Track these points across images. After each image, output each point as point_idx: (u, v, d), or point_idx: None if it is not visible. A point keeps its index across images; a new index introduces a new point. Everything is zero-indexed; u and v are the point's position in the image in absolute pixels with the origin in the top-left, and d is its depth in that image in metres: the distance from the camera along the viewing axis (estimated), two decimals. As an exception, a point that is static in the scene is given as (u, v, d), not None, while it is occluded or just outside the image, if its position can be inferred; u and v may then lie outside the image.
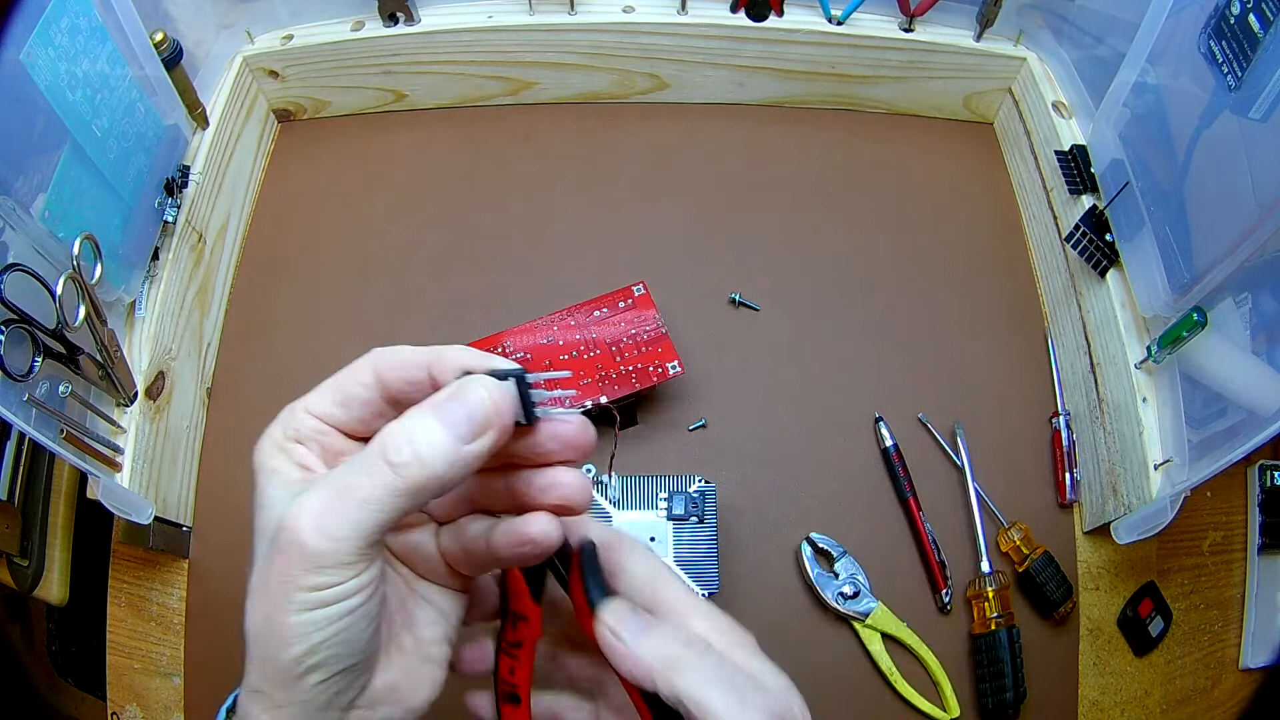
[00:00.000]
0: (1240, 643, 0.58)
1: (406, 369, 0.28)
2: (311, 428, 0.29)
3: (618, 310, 0.59)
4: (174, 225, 0.60)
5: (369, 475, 0.25)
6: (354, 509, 0.25)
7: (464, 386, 0.27)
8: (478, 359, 0.28)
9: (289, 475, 0.28)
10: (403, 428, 0.26)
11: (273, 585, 0.25)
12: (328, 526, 0.25)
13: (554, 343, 0.58)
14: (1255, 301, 0.44)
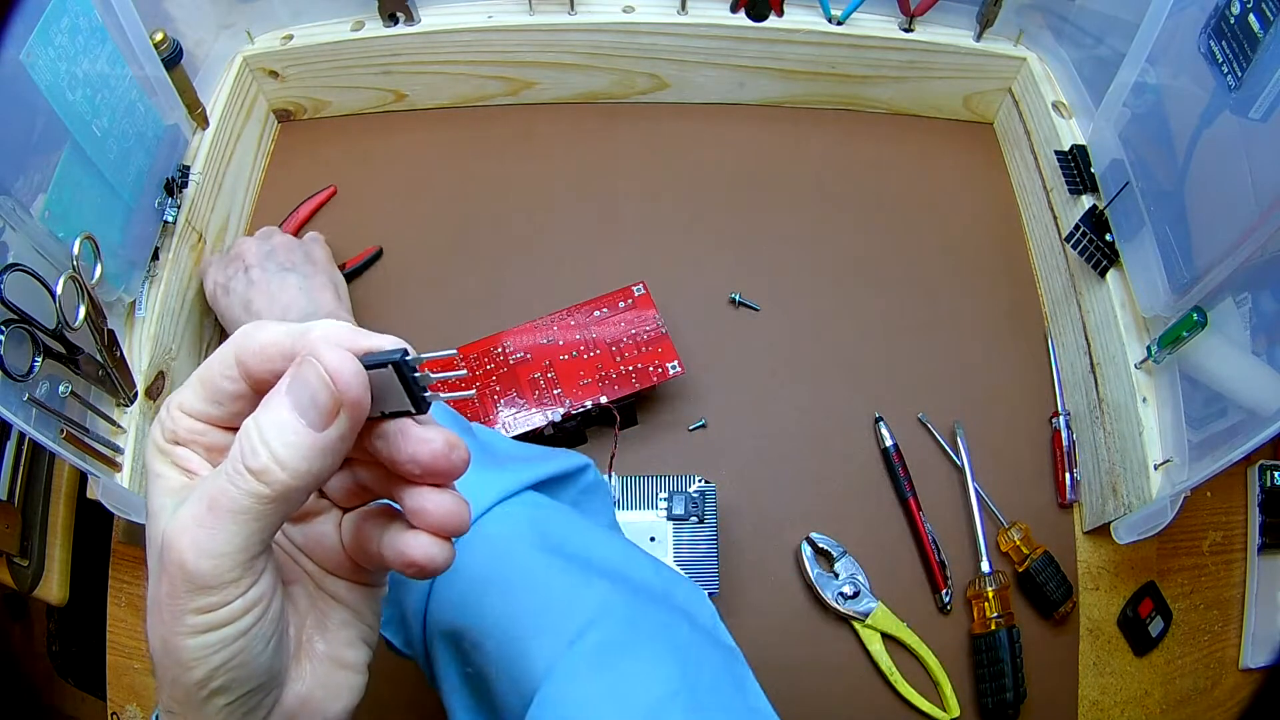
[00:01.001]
0: (1240, 643, 0.58)
1: (270, 357, 0.26)
2: (188, 428, 0.27)
3: (618, 310, 0.59)
4: (174, 225, 0.60)
5: (233, 484, 0.24)
6: (227, 523, 0.23)
7: (301, 366, 0.24)
8: (350, 335, 0.26)
9: (171, 481, 0.26)
10: (255, 425, 0.24)
11: (164, 607, 0.24)
12: (204, 543, 0.23)
13: (554, 343, 0.58)
14: (1255, 301, 0.44)
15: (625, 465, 0.60)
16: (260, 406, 0.25)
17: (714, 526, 0.53)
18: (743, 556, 0.58)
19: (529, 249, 0.69)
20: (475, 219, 0.70)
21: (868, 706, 0.55)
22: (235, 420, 0.27)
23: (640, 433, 0.62)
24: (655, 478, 0.54)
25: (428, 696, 0.41)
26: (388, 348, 0.26)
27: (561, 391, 0.57)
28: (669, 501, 0.53)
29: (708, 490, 0.53)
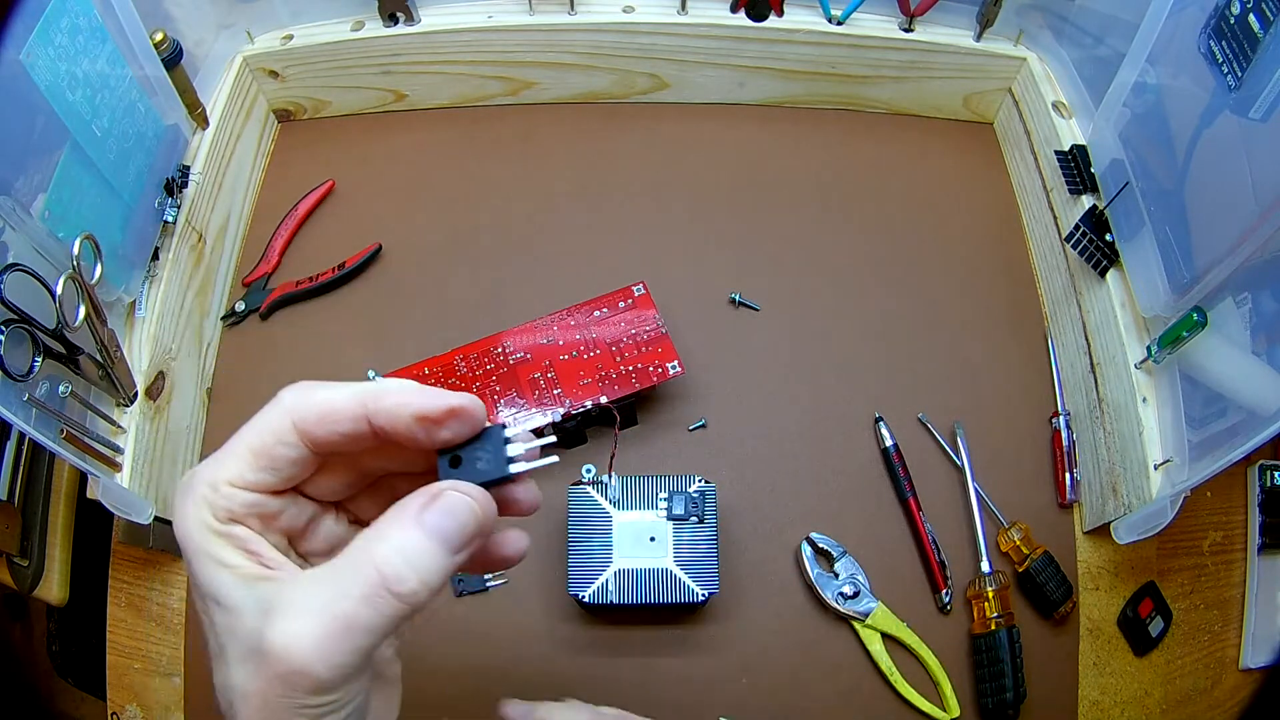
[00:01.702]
0: (1240, 643, 0.58)
1: (338, 422, 0.27)
2: (243, 502, 0.27)
3: (618, 310, 0.59)
4: (174, 225, 0.60)
5: (372, 606, 0.24)
6: (360, 637, 0.24)
7: (451, 502, 0.26)
8: (427, 398, 0.27)
9: (243, 569, 0.26)
10: (402, 556, 0.25)
11: (272, 704, 0.25)
12: (333, 655, 0.24)
13: (554, 343, 0.58)
14: (1255, 301, 0.44)
15: (625, 465, 0.60)
16: (393, 528, 0.26)
17: (714, 526, 0.53)
18: (743, 556, 0.58)
19: (529, 249, 0.69)
20: (475, 219, 0.70)
21: (868, 706, 0.55)
22: (289, 484, 0.27)
23: (640, 433, 0.62)
24: (655, 478, 0.54)
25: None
26: (461, 404, 0.27)
27: (561, 391, 0.57)
28: (669, 501, 0.53)
29: (708, 490, 0.53)
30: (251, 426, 0.28)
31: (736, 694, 0.55)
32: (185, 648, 0.57)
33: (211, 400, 0.64)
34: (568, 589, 0.52)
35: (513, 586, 0.58)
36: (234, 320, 0.66)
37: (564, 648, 0.56)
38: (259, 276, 0.68)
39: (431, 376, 0.58)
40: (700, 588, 0.51)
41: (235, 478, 0.27)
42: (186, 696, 0.56)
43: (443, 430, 0.27)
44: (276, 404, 0.28)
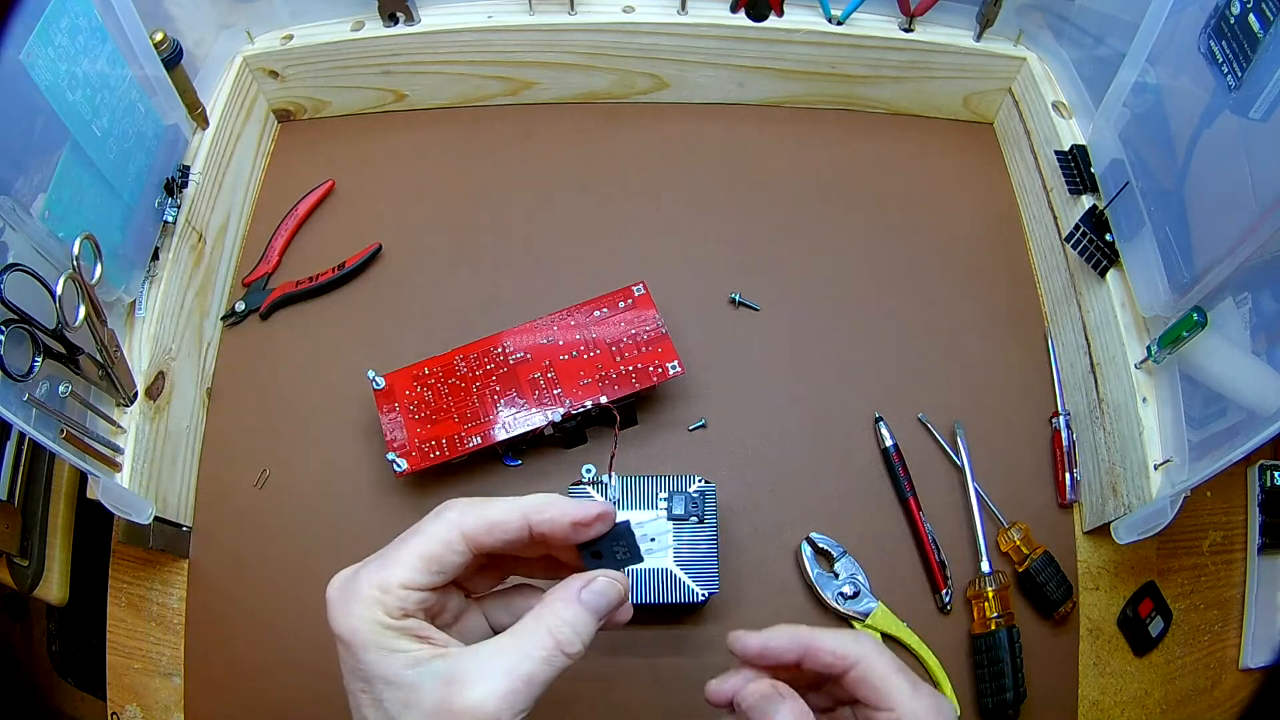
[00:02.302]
0: (1240, 643, 0.58)
1: (506, 531, 0.34)
2: (416, 600, 0.32)
3: (618, 310, 0.59)
4: (174, 225, 0.60)
5: (549, 664, 0.32)
6: (536, 689, 0.31)
7: (602, 584, 0.35)
8: (577, 509, 0.34)
9: (417, 652, 0.32)
10: (570, 626, 0.33)
11: None
12: (516, 705, 0.31)
13: (554, 343, 0.58)
14: (1255, 301, 0.44)
15: (625, 465, 0.60)
16: (560, 605, 0.34)
17: (714, 526, 0.53)
18: (743, 556, 0.58)
19: (529, 249, 0.69)
20: (475, 219, 0.70)
21: (868, 706, 0.55)
22: (449, 580, 0.34)
23: (640, 433, 0.62)
24: (655, 478, 0.54)
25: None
26: (605, 510, 0.35)
27: (561, 391, 0.57)
28: (669, 501, 0.53)
29: (708, 490, 0.53)
30: (420, 536, 0.33)
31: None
32: (185, 648, 0.57)
33: (211, 400, 0.64)
34: (568, 589, 0.51)
35: (513, 586, 0.58)
36: (234, 320, 0.66)
37: (564, 648, 0.56)
38: (259, 276, 0.68)
39: (431, 376, 0.58)
40: (700, 588, 0.51)
41: (408, 581, 0.32)
42: (186, 696, 0.56)
43: (590, 531, 0.35)
44: (443, 518, 0.33)
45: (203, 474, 0.61)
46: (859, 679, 0.37)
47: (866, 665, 0.37)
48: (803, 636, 0.38)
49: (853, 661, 0.37)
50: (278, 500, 0.60)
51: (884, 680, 0.36)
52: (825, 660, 0.37)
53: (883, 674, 0.37)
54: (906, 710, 0.36)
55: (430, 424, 0.57)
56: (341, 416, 0.62)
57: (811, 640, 0.38)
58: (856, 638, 0.38)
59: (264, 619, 0.57)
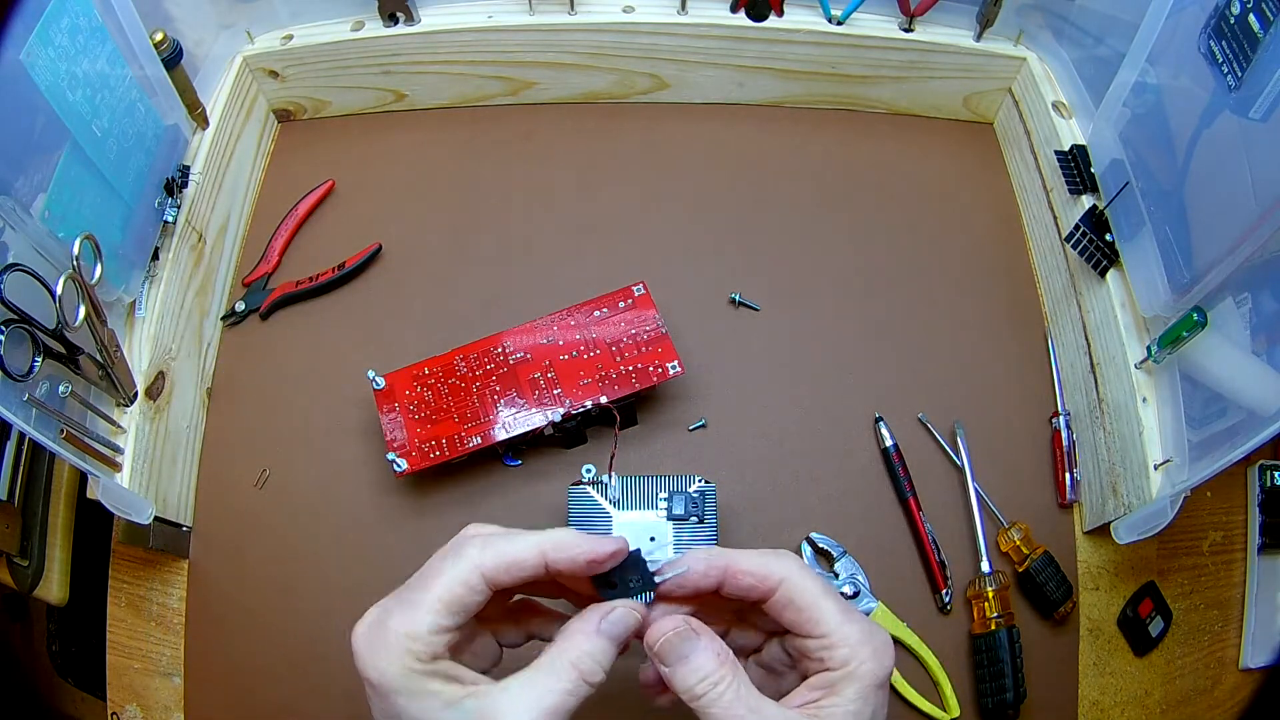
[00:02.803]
0: (1240, 643, 0.58)
1: (523, 570, 0.34)
2: (444, 643, 0.33)
3: (618, 310, 0.59)
4: (174, 225, 0.60)
5: (574, 695, 0.33)
6: (562, 717, 0.32)
7: (620, 614, 0.35)
8: (589, 544, 0.35)
9: (448, 693, 0.32)
10: (591, 657, 0.34)
11: None
12: None
13: (554, 343, 0.58)
14: (1255, 301, 0.44)
15: (625, 465, 0.60)
16: (580, 638, 0.34)
17: (714, 526, 0.53)
18: (743, 556, 0.58)
19: (529, 249, 0.69)
20: (475, 219, 0.70)
21: (868, 706, 0.55)
22: (470, 617, 0.34)
23: (640, 433, 0.62)
24: (655, 478, 0.54)
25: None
26: (621, 545, 0.36)
27: (561, 391, 0.57)
28: (669, 501, 0.53)
29: (708, 490, 0.53)
30: (439, 579, 0.33)
31: (736, 694, 0.55)
32: (185, 648, 0.57)
33: (211, 400, 0.64)
34: (568, 589, 0.52)
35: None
36: (234, 320, 0.66)
37: (564, 648, 0.56)
38: (259, 276, 0.68)
39: (431, 376, 0.58)
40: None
41: (433, 626, 0.33)
42: (186, 696, 0.56)
43: (605, 566, 0.36)
44: (462, 557, 0.34)
45: (203, 474, 0.61)
46: (784, 602, 0.34)
47: (790, 586, 0.34)
48: (717, 557, 0.36)
49: (775, 582, 0.34)
50: (278, 500, 0.60)
51: (811, 603, 0.34)
52: (745, 582, 0.35)
53: (809, 596, 0.34)
54: (838, 636, 0.33)
55: (430, 424, 0.57)
56: (341, 416, 0.62)
57: (729, 561, 0.35)
58: (777, 555, 0.35)
59: (264, 619, 0.57)
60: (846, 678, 0.33)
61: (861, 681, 0.33)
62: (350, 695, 0.55)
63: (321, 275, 0.67)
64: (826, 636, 0.34)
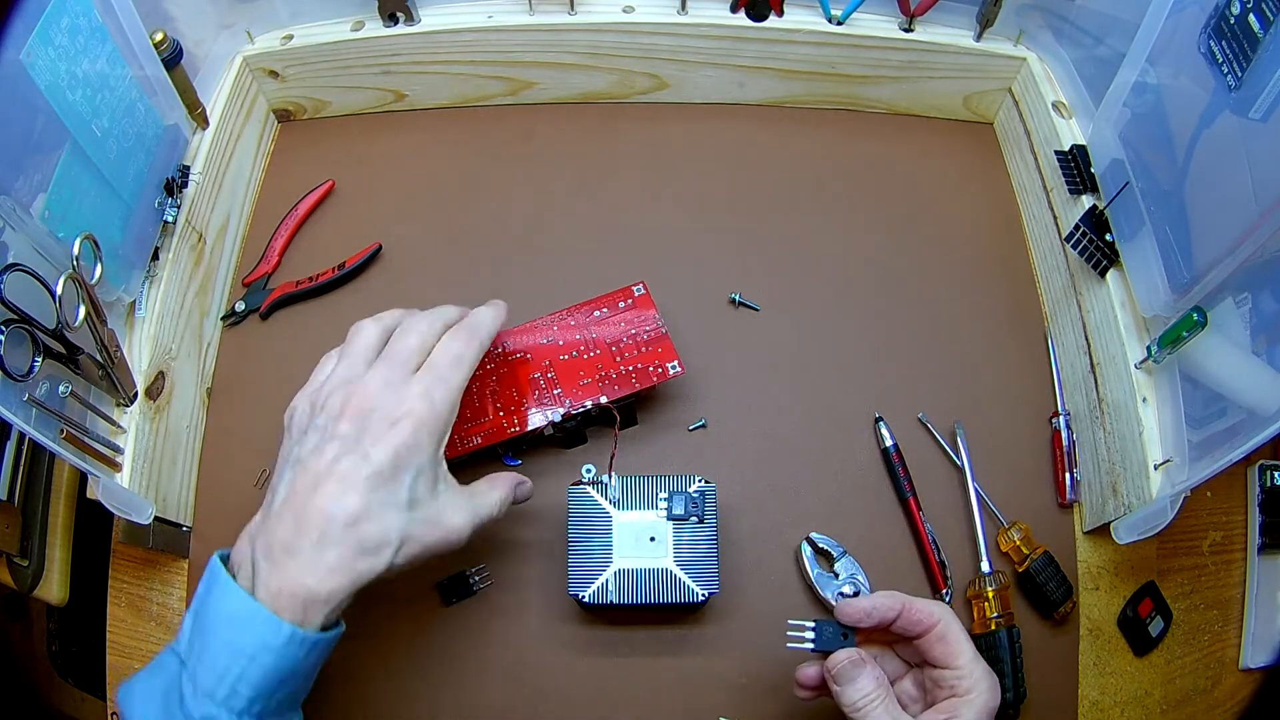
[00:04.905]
0: (1240, 643, 0.58)
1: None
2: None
3: (618, 310, 0.59)
4: (174, 225, 0.60)
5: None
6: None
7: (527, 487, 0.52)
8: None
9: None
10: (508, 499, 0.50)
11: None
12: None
13: (554, 343, 0.58)
14: (1255, 301, 0.44)
15: (625, 465, 0.60)
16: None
17: (714, 526, 0.53)
18: (743, 556, 0.58)
19: (529, 249, 0.69)
20: (475, 219, 0.70)
21: (868, 706, 0.55)
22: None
23: (640, 433, 0.62)
24: (655, 478, 0.54)
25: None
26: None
27: (561, 391, 0.57)
28: (669, 501, 0.53)
29: (708, 490, 0.53)
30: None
31: (736, 694, 0.55)
32: (185, 648, 0.57)
33: (211, 400, 0.64)
34: (568, 589, 0.52)
35: (513, 586, 0.58)
36: (234, 320, 0.66)
37: (564, 648, 0.56)
38: (259, 276, 0.68)
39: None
40: (700, 588, 0.52)
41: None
42: (186, 696, 0.56)
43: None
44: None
45: (203, 474, 0.61)
46: (938, 637, 0.45)
47: (946, 626, 0.45)
48: (900, 597, 0.46)
49: (936, 619, 0.45)
50: (278, 500, 0.60)
51: (956, 641, 0.44)
52: (916, 618, 0.45)
53: (957, 635, 0.45)
54: (968, 670, 0.44)
55: (430, 424, 0.56)
56: (341, 416, 0.62)
57: (908, 601, 0.45)
58: (938, 603, 0.46)
59: (264, 619, 0.57)
60: (968, 705, 0.43)
61: (977, 710, 0.43)
62: (349, 684, 0.55)
63: (321, 275, 0.67)
64: (961, 669, 0.44)
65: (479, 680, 0.56)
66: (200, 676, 0.39)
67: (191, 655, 0.40)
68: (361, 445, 0.42)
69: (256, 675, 0.39)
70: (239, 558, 0.42)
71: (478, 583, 0.57)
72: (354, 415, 0.43)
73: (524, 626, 0.57)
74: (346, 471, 0.41)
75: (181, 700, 0.39)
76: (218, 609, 0.40)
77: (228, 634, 0.39)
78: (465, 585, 0.57)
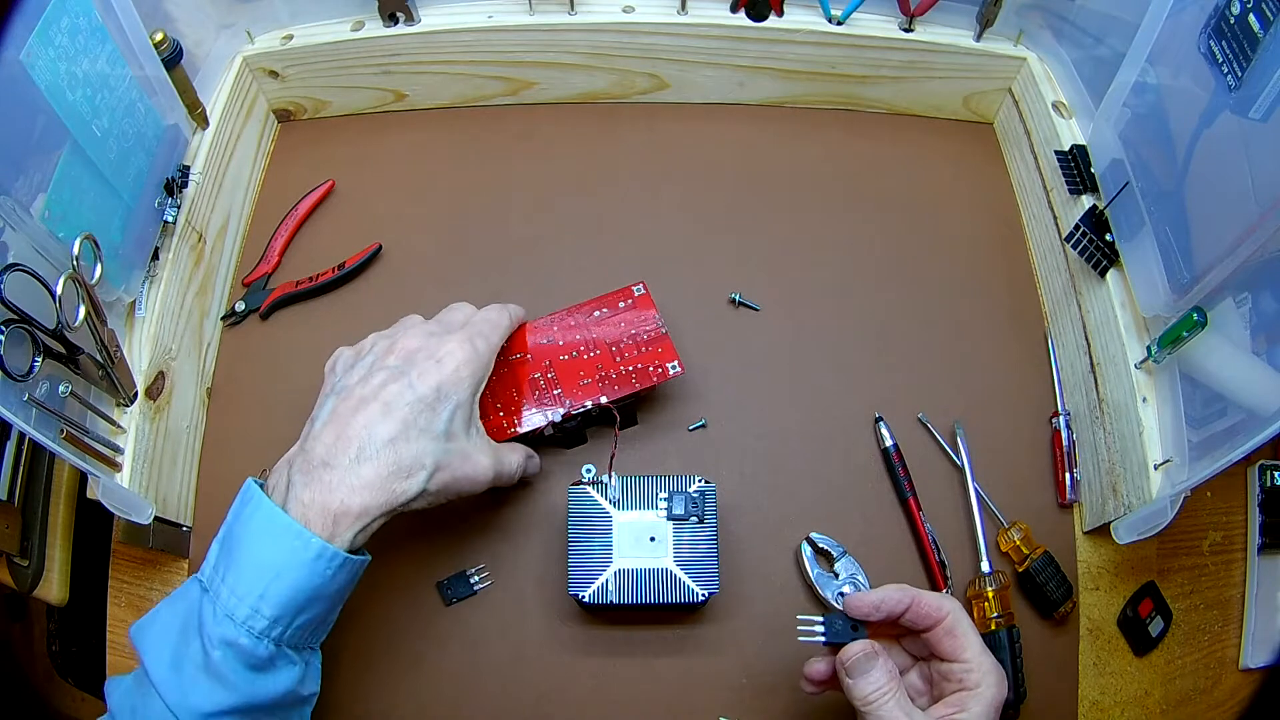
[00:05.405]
0: (1240, 643, 0.58)
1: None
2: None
3: (618, 310, 0.59)
4: (174, 225, 0.60)
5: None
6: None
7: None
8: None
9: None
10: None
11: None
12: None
13: (554, 343, 0.58)
14: (1255, 301, 0.44)
15: (625, 465, 0.60)
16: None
17: (714, 526, 0.53)
18: (743, 556, 0.58)
19: (529, 249, 0.69)
20: (475, 219, 0.70)
21: (868, 706, 0.55)
22: None
23: (640, 433, 0.62)
24: (655, 478, 0.54)
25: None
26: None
27: (561, 391, 0.57)
28: (669, 501, 0.53)
29: (708, 490, 0.53)
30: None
31: (736, 694, 0.55)
32: (185, 648, 0.57)
33: (211, 400, 0.64)
34: (568, 589, 0.52)
35: (513, 586, 0.58)
36: (234, 320, 0.66)
37: (564, 648, 0.56)
38: (259, 276, 0.68)
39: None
40: (700, 588, 0.52)
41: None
42: (186, 696, 0.56)
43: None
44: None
45: (203, 474, 0.61)
46: (946, 630, 0.45)
47: (954, 619, 0.45)
48: (909, 590, 0.46)
49: (944, 614, 0.45)
50: (278, 500, 0.60)
51: (965, 634, 0.44)
52: (925, 611, 0.45)
53: (966, 629, 0.45)
54: (976, 663, 0.44)
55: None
56: (341, 416, 0.62)
57: (917, 594, 0.46)
58: (946, 596, 0.46)
59: (264, 619, 0.57)
60: (977, 698, 0.43)
61: (985, 703, 0.43)
62: (349, 684, 0.55)
63: (321, 275, 0.67)
64: (969, 663, 0.44)
65: (479, 680, 0.56)
66: (223, 597, 0.39)
67: (215, 578, 0.40)
68: (408, 375, 0.45)
69: (281, 593, 0.39)
70: (274, 480, 0.43)
71: (478, 583, 0.57)
72: (401, 353, 0.47)
73: (524, 626, 0.57)
74: (391, 396, 0.43)
75: (200, 624, 0.39)
76: (246, 525, 0.41)
77: (255, 550, 0.40)
78: (465, 585, 0.57)
